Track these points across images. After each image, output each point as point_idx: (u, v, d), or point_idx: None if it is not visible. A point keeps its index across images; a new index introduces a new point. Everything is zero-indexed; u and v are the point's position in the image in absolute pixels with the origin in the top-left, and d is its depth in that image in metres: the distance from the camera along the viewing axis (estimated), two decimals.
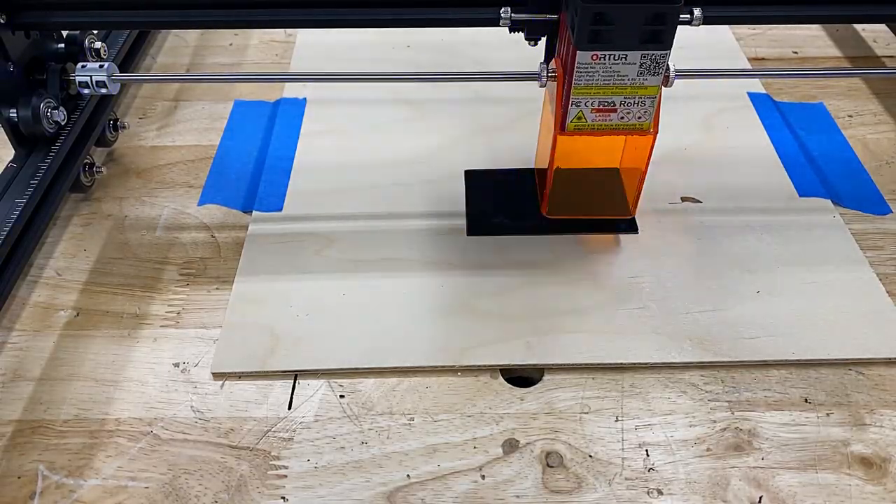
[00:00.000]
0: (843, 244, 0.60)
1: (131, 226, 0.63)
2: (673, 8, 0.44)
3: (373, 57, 0.81)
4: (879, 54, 0.84)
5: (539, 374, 0.51)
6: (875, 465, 0.46)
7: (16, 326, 0.55)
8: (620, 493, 0.45)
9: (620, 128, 0.50)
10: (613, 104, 0.49)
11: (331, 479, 0.45)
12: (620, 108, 0.49)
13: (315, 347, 0.52)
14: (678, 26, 0.46)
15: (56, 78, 0.59)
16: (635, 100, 0.48)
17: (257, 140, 0.71)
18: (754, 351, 0.52)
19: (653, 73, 0.47)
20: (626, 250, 0.59)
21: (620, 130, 0.50)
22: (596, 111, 0.49)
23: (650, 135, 0.51)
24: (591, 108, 0.49)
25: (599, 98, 0.48)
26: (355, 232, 0.61)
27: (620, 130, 0.50)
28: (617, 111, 0.49)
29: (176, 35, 0.86)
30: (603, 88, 0.48)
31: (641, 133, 0.51)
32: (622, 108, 0.49)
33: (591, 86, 0.48)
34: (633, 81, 0.47)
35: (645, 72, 0.47)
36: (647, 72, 0.47)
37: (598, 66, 0.46)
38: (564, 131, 0.50)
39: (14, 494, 0.45)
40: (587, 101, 0.48)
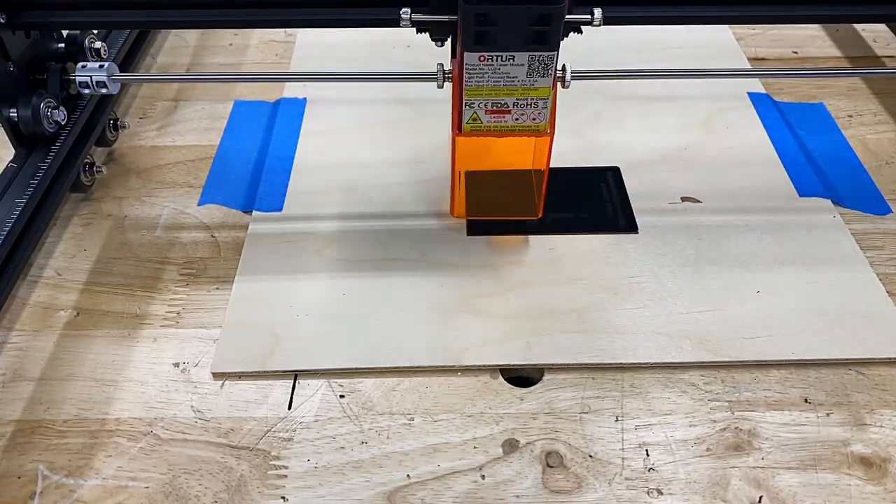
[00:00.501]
0: (843, 244, 0.60)
1: (131, 226, 0.63)
2: (557, 8, 0.43)
3: (373, 57, 0.81)
4: (879, 54, 0.84)
5: (539, 374, 0.51)
6: (875, 465, 0.46)
7: (16, 326, 0.55)
8: (620, 493, 0.45)
9: (517, 129, 0.50)
10: (507, 105, 0.48)
11: (331, 479, 0.45)
12: (514, 110, 0.49)
13: (315, 347, 0.52)
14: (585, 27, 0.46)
15: (56, 78, 0.59)
16: (527, 101, 0.48)
17: (257, 140, 0.71)
18: (754, 351, 0.52)
19: (542, 74, 0.46)
20: (626, 250, 0.59)
21: (517, 132, 0.50)
22: (490, 112, 0.49)
23: (547, 136, 0.50)
24: (485, 109, 0.49)
25: (492, 99, 0.48)
26: (355, 232, 0.61)
27: (517, 132, 0.50)
28: (511, 112, 0.49)
29: (176, 35, 0.86)
30: (494, 90, 0.47)
31: (538, 134, 0.50)
32: (515, 110, 0.49)
33: (482, 87, 0.47)
34: (524, 83, 0.47)
35: (534, 73, 0.46)
36: (536, 73, 0.46)
37: (487, 67, 0.46)
38: (461, 133, 0.50)
39: (14, 494, 0.45)
40: (480, 103, 0.48)
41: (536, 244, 0.59)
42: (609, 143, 0.69)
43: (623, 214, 0.62)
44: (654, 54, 0.81)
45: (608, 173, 0.66)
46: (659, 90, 0.75)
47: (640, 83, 0.76)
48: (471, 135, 0.50)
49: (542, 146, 0.52)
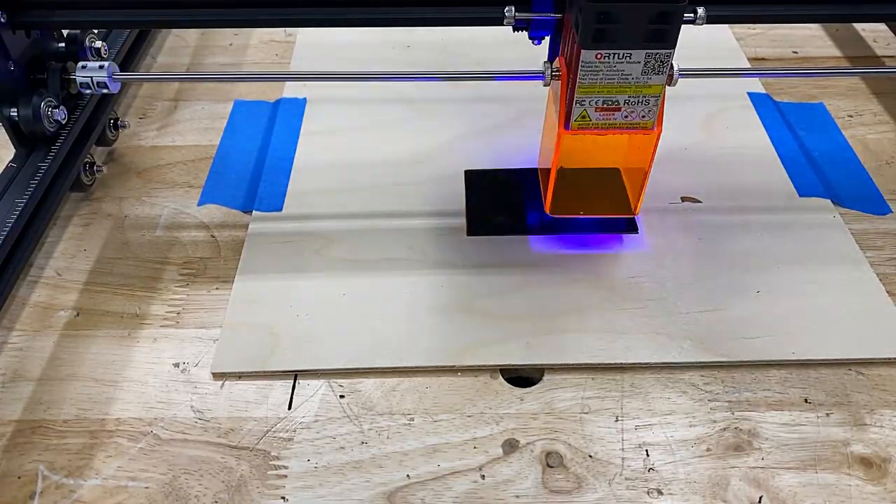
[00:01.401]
0: (843, 244, 0.60)
1: (131, 226, 0.63)
2: (678, 7, 0.44)
3: (373, 57, 0.81)
4: (879, 54, 0.84)
5: (539, 374, 0.51)
6: (875, 465, 0.46)
7: (16, 326, 0.55)
8: (620, 493, 0.45)
9: (624, 126, 0.50)
10: (617, 103, 0.49)
11: (331, 479, 0.45)
12: (624, 107, 0.49)
13: (315, 347, 0.52)
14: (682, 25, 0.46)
15: (57, 77, 0.59)
16: (639, 98, 0.48)
17: (257, 140, 0.71)
18: (754, 351, 0.52)
19: (657, 72, 0.47)
20: (626, 250, 0.59)
21: (624, 129, 0.50)
22: (600, 110, 0.49)
23: (654, 133, 0.51)
24: (595, 106, 0.49)
25: (604, 97, 0.48)
26: (355, 232, 0.61)
27: (624, 129, 0.50)
28: (621, 110, 0.49)
29: (176, 35, 0.86)
30: (607, 87, 0.48)
31: (645, 131, 0.51)
32: (626, 107, 0.49)
33: (595, 84, 0.48)
34: (638, 80, 0.47)
35: (649, 71, 0.47)
36: (651, 71, 0.47)
37: (603, 65, 0.46)
38: (569, 130, 0.50)
39: (14, 494, 0.45)
40: (591, 100, 0.48)
41: (536, 244, 0.59)
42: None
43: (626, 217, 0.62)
44: None
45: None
46: None
47: None
48: (577, 132, 0.50)
49: (649, 143, 0.52)
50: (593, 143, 0.53)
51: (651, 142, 0.52)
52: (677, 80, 0.49)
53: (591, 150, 0.56)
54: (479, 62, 0.80)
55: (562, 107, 0.50)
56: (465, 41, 0.83)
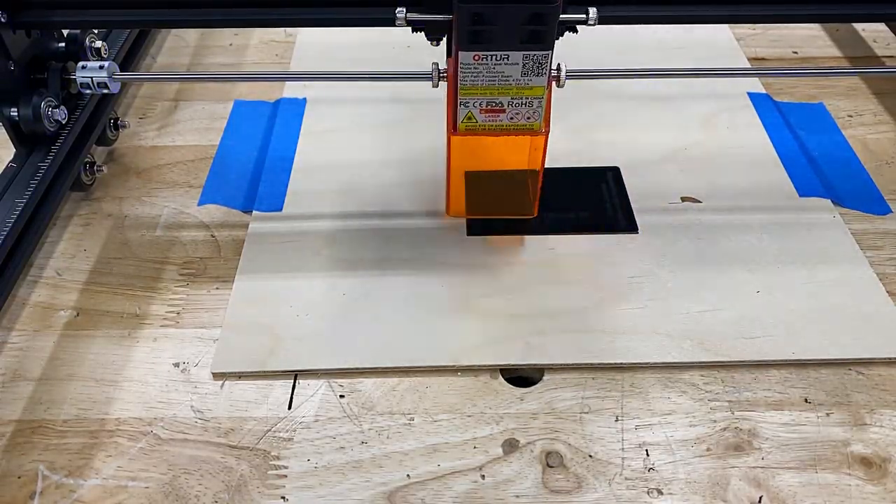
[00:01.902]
0: (843, 244, 0.60)
1: (131, 226, 0.63)
2: (552, 8, 0.44)
3: (373, 57, 0.81)
4: (879, 54, 0.84)
5: (539, 374, 0.51)
6: (875, 465, 0.46)
7: (16, 326, 0.55)
8: (620, 493, 0.45)
9: (511, 128, 0.50)
10: (501, 105, 0.48)
11: (331, 479, 0.45)
12: (509, 109, 0.49)
13: (315, 347, 0.52)
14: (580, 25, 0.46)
15: (57, 77, 0.59)
16: (522, 100, 0.48)
17: (257, 140, 0.71)
18: (754, 351, 0.52)
19: (536, 73, 0.47)
20: (626, 250, 0.59)
21: (512, 131, 0.50)
22: (485, 112, 0.49)
23: (542, 135, 0.51)
24: (479, 108, 0.49)
25: (486, 98, 0.48)
26: (355, 232, 0.61)
27: (512, 131, 0.50)
28: (506, 111, 0.49)
29: (176, 35, 0.86)
30: (489, 89, 0.48)
31: (532, 133, 0.51)
32: (510, 109, 0.49)
33: (476, 86, 0.47)
34: (518, 82, 0.47)
35: (529, 72, 0.47)
36: (530, 72, 0.47)
37: (482, 66, 0.46)
38: (457, 132, 0.50)
39: (14, 494, 0.45)
40: (475, 102, 0.48)
41: (536, 244, 0.59)
42: (609, 143, 0.69)
43: (623, 214, 0.62)
44: (653, 54, 0.81)
45: (608, 173, 0.66)
46: (659, 90, 0.75)
47: (640, 83, 0.76)
48: (466, 134, 0.51)
49: (537, 145, 0.52)
50: (495, 144, 0.53)
51: (540, 143, 0.51)
52: (565, 82, 0.48)
53: (495, 152, 0.55)
54: None
55: (449, 109, 0.50)
56: None
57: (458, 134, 0.51)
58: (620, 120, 0.72)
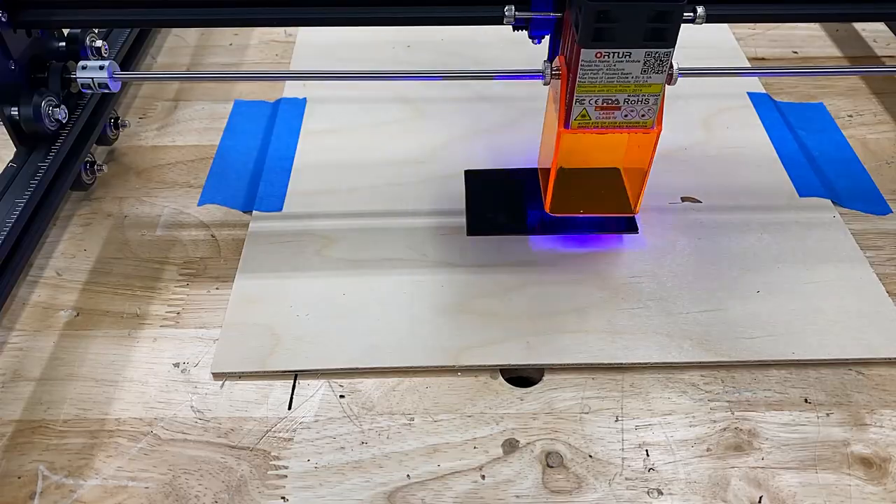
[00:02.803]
0: (843, 244, 0.60)
1: (131, 226, 0.63)
2: (677, 6, 0.44)
3: (373, 57, 0.81)
4: (879, 54, 0.84)
5: (539, 374, 0.51)
6: (875, 465, 0.46)
7: (16, 326, 0.55)
8: (620, 493, 0.45)
9: (624, 125, 0.50)
10: (617, 102, 0.49)
11: (331, 479, 0.45)
12: (624, 106, 0.49)
13: (315, 347, 0.52)
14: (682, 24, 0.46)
15: (57, 76, 0.59)
16: (639, 97, 0.48)
17: (257, 140, 0.71)
18: (754, 351, 0.52)
19: (656, 70, 0.47)
20: (626, 250, 0.59)
21: (624, 128, 0.51)
22: (600, 109, 0.49)
23: (653, 132, 0.51)
24: (595, 105, 0.49)
25: (603, 96, 0.48)
26: (355, 232, 0.61)
27: (624, 128, 0.51)
28: (621, 109, 0.49)
29: (176, 35, 0.86)
30: (607, 86, 0.48)
31: (645, 130, 0.51)
32: (626, 106, 0.49)
33: (594, 83, 0.48)
34: (637, 79, 0.47)
35: (649, 69, 0.47)
36: (650, 69, 0.47)
37: (602, 63, 0.47)
38: (568, 128, 0.51)
39: (14, 494, 0.45)
40: (591, 99, 0.49)
41: (536, 244, 0.59)
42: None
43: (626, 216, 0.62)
44: None
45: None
46: None
47: None
48: (577, 131, 0.51)
49: (649, 142, 0.52)
50: (593, 142, 0.54)
51: (651, 141, 0.52)
52: (677, 79, 0.49)
53: (590, 150, 0.56)
54: (479, 62, 0.80)
55: (562, 106, 0.50)
56: (466, 41, 0.83)
57: (570, 131, 0.51)
58: None
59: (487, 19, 0.53)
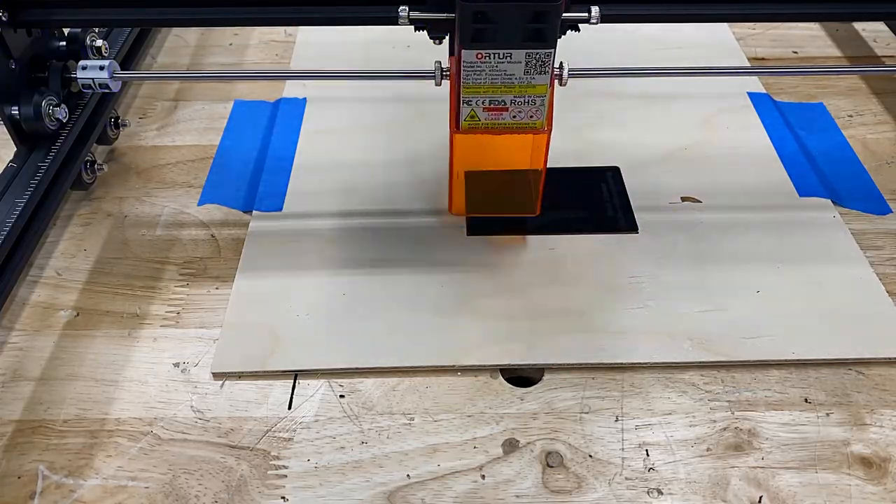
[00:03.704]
0: (843, 244, 0.60)
1: (131, 225, 0.63)
2: (554, 6, 0.44)
3: (373, 57, 0.81)
4: (879, 54, 0.84)
5: (539, 374, 0.51)
6: (875, 465, 0.46)
7: (16, 326, 0.55)
8: (620, 493, 0.45)
9: (514, 126, 0.50)
10: (504, 103, 0.49)
11: (331, 479, 0.45)
12: (512, 107, 0.49)
13: (315, 347, 0.52)
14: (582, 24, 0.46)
15: (58, 75, 0.59)
16: (525, 99, 0.48)
17: (257, 140, 0.71)
18: (754, 351, 0.52)
19: (539, 71, 0.47)
20: (626, 250, 0.59)
21: (515, 129, 0.50)
22: (488, 110, 0.49)
23: (544, 133, 0.51)
24: (482, 106, 0.49)
25: (489, 97, 0.48)
26: (355, 232, 0.61)
27: (515, 129, 0.50)
28: (508, 110, 0.49)
29: (176, 35, 0.86)
30: (492, 87, 0.48)
31: (535, 132, 0.51)
32: (513, 107, 0.49)
33: (479, 84, 0.48)
34: (521, 80, 0.47)
35: (531, 70, 0.47)
36: (533, 70, 0.47)
37: (484, 64, 0.46)
38: (459, 130, 0.51)
39: (14, 494, 0.45)
40: (478, 100, 0.48)
41: (536, 244, 0.59)
42: (609, 143, 0.69)
43: (623, 214, 0.62)
44: (654, 54, 0.81)
45: (608, 173, 0.66)
46: (659, 90, 0.75)
47: (640, 83, 0.76)
48: (468, 132, 0.51)
49: (540, 144, 0.52)
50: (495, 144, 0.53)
51: (542, 142, 0.51)
52: (567, 80, 0.49)
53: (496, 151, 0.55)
54: None
55: (452, 107, 0.50)
56: None
57: (461, 132, 0.51)
58: (620, 120, 0.72)
59: (383, 20, 0.52)
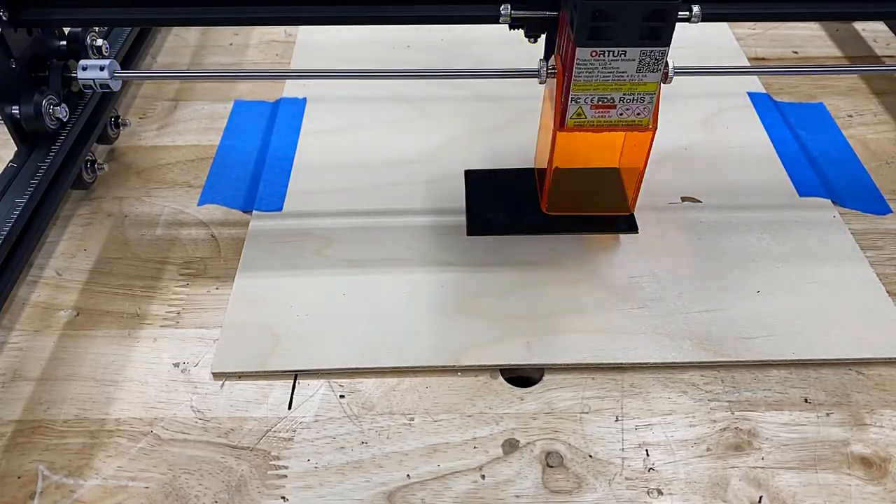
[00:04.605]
0: (843, 244, 0.60)
1: (131, 225, 0.63)
2: (672, 4, 0.44)
3: (373, 57, 0.81)
4: (879, 54, 0.84)
5: (539, 374, 0.51)
6: (875, 465, 0.46)
7: (16, 326, 0.55)
8: (620, 493, 0.45)
9: (619, 124, 0.50)
10: (612, 101, 0.49)
11: (331, 479, 0.45)
12: (619, 105, 0.49)
13: (315, 347, 0.52)
14: (677, 23, 0.46)
15: (58, 75, 0.59)
16: (634, 96, 0.48)
17: (257, 140, 0.71)
18: (754, 351, 0.52)
19: (652, 69, 0.47)
20: (626, 250, 0.59)
21: (619, 127, 0.51)
22: (595, 107, 0.49)
23: (649, 131, 0.51)
24: (590, 104, 0.49)
25: (599, 94, 0.48)
26: (355, 232, 0.61)
27: (619, 127, 0.51)
28: (616, 107, 0.49)
29: (176, 35, 0.86)
30: (602, 85, 0.48)
31: (640, 129, 0.51)
32: (621, 105, 0.49)
33: (590, 82, 0.48)
34: (632, 78, 0.48)
35: (644, 68, 0.47)
36: (646, 68, 0.47)
37: (598, 62, 0.47)
38: (564, 128, 0.51)
39: (14, 494, 0.45)
40: (586, 98, 0.49)
41: (536, 244, 0.59)
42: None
43: (623, 214, 0.62)
44: None
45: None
46: None
47: None
48: (572, 130, 0.51)
49: (644, 141, 0.52)
50: (589, 141, 0.54)
51: (646, 140, 0.52)
52: (672, 78, 0.49)
53: (587, 149, 0.56)
54: (479, 61, 0.80)
55: (557, 105, 0.50)
56: (466, 41, 0.83)
57: (565, 130, 0.51)
58: None
59: (484, 18, 0.53)
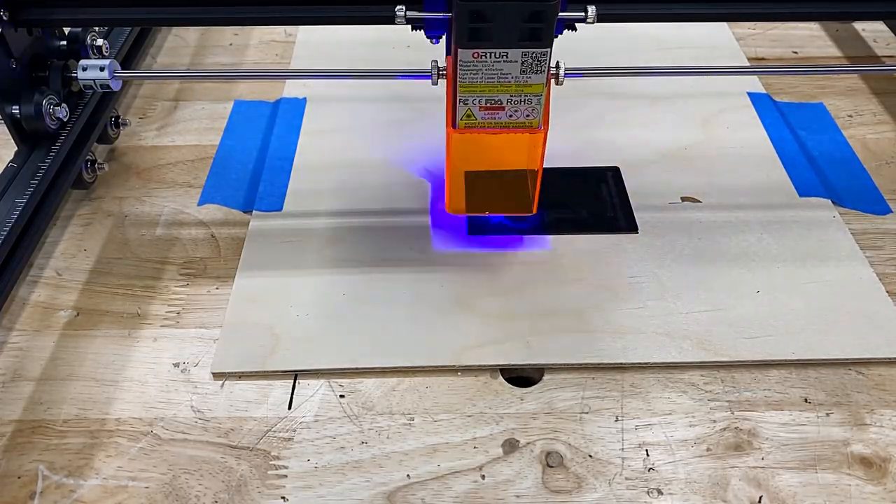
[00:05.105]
0: (843, 244, 0.60)
1: (131, 225, 0.63)
2: (550, 5, 0.44)
3: (372, 57, 0.81)
4: (879, 54, 0.84)
5: (539, 374, 0.51)
6: (875, 465, 0.46)
7: (16, 326, 0.55)
8: (620, 493, 0.45)
9: (510, 125, 0.50)
10: (500, 102, 0.49)
11: (331, 479, 0.45)
12: (508, 106, 0.49)
13: (315, 347, 0.52)
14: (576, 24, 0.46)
15: (58, 74, 0.59)
16: (521, 98, 0.48)
17: (257, 140, 0.71)
18: (754, 351, 0.52)
19: (535, 70, 0.47)
20: (626, 250, 0.59)
21: (511, 128, 0.50)
22: (484, 109, 0.49)
23: (540, 132, 0.51)
24: (479, 105, 0.49)
25: (486, 96, 0.48)
26: (355, 231, 0.61)
27: (511, 128, 0.50)
28: (505, 109, 0.49)
29: (176, 35, 0.86)
30: (488, 86, 0.48)
31: (531, 131, 0.51)
32: (510, 106, 0.49)
33: (476, 83, 0.48)
34: (517, 79, 0.47)
35: (527, 69, 0.47)
36: (529, 70, 0.47)
37: (481, 63, 0.46)
38: (456, 129, 0.51)
39: (14, 494, 0.45)
40: (474, 99, 0.49)
41: (536, 244, 0.59)
42: (609, 143, 0.69)
43: (623, 214, 0.62)
44: (654, 54, 0.81)
45: (608, 173, 0.66)
46: (659, 90, 0.75)
47: (640, 83, 0.76)
48: (465, 131, 0.51)
49: (536, 143, 0.52)
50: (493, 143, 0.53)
51: (538, 141, 0.51)
52: (563, 80, 0.49)
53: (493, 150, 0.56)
54: None
55: (448, 106, 0.50)
56: None
57: (458, 131, 0.51)
58: (620, 119, 0.72)
59: (379, 19, 0.53)
